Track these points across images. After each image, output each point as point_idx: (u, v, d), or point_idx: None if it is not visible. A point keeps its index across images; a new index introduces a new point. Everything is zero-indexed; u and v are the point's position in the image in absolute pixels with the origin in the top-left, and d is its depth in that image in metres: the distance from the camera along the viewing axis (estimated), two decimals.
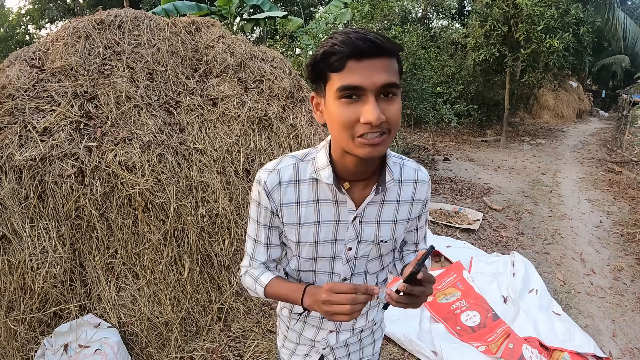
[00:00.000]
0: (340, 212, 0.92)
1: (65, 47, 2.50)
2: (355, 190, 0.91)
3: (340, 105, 0.75)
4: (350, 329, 1.07)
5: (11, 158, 1.99)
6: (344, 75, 0.73)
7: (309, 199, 0.91)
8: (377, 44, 0.72)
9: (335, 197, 0.91)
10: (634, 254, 3.96)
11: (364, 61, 0.72)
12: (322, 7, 16.94)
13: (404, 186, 0.95)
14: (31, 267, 1.96)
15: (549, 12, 7.29)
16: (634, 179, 6.46)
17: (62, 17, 17.16)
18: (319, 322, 1.06)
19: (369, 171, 0.89)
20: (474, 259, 3.24)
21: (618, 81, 20.91)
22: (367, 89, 0.72)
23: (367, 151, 0.76)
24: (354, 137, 0.76)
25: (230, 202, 2.58)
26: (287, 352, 1.14)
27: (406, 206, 0.97)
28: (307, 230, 0.93)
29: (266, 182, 0.91)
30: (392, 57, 0.76)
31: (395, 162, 0.95)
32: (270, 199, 0.92)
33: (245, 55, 3.10)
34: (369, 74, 0.72)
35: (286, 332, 1.13)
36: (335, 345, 1.09)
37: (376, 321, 1.14)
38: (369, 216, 0.93)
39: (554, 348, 2.33)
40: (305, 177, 0.91)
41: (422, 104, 6.31)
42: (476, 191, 5.68)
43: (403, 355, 2.39)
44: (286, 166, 0.92)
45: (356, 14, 6.80)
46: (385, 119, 0.74)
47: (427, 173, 1.01)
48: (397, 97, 0.77)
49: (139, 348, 2.17)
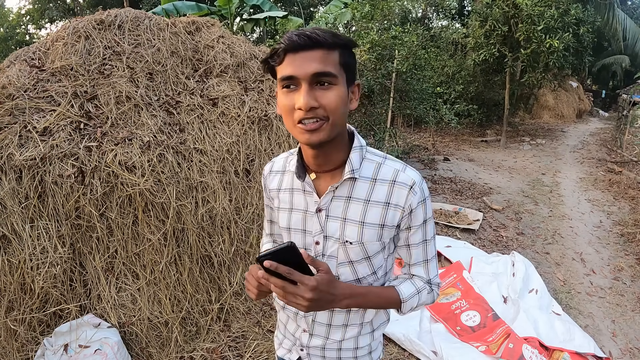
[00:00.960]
0: (308, 202, 0.96)
1: (65, 47, 2.50)
2: (322, 182, 0.95)
3: (282, 94, 0.83)
4: (324, 336, 1.02)
5: (11, 158, 1.99)
6: (283, 67, 0.81)
7: (287, 186, 1.01)
8: (311, 37, 0.78)
9: (304, 187, 0.96)
10: (634, 254, 3.96)
11: (299, 53, 0.79)
12: (322, 7, 16.94)
13: (377, 185, 0.91)
14: (31, 267, 1.96)
15: (549, 12, 7.29)
16: (634, 179, 6.46)
17: (62, 17, 17.16)
18: (295, 317, 1.05)
19: (329, 162, 0.92)
20: (474, 259, 3.24)
21: (618, 81, 20.92)
22: (300, 77, 0.79)
23: (305, 137, 0.82)
24: (295, 124, 0.83)
25: (230, 202, 2.58)
26: (277, 342, 1.17)
27: (378, 209, 0.90)
28: (283, 214, 1.01)
29: (264, 170, 1.09)
30: (330, 49, 0.80)
31: (370, 158, 0.93)
32: (265, 185, 1.08)
33: (245, 55, 3.10)
34: (301, 65, 0.79)
35: (278, 322, 1.16)
36: (311, 351, 1.05)
37: (361, 345, 1.04)
38: (334, 211, 0.93)
39: (554, 348, 2.33)
40: (288, 168, 1.01)
41: (422, 104, 6.31)
42: (476, 191, 5.68)
43: (403, 355, 2.39)
44: (280, 158, 1.06)
45: (356, 14, 6.80)
46: (317, 105, 0.80)
47: (414, 178, 0.91)
48: (336, 86, 0.81)
49: (139, 348, 2.17)
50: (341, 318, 1.01)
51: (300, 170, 0.95)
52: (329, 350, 1.04)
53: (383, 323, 1.09)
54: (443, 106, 6.65)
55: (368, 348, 1.06)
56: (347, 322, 1.02)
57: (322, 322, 1.02)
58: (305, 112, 0.79)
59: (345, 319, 1.01)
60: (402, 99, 6.20)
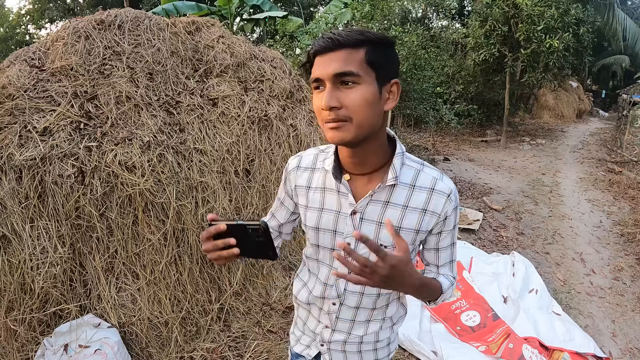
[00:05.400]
0: (342, 204, 0.95)
1: (65, 47, 2.50)
2: (358, 184, 0.93)
3: (314, 95, 0.86)
4: (347, 332, 1.05)
5: (11, 158, 1.99)
6: (313, 70, 0.84)
7: (318, 185, 0.99)
8: (333, 39, 0.80)
9: (338, 188, 0.94)
10: (634, 254, 3.96)
11: (325, 55, 0.81)
12: (322, 7, 16.93)
13: (415, 192, 0.92)
14: (31, 267, 1.96)
15: (549, 12, 7.29)
16: (634, 179, 6.46)
17: (62, 17, 17.16)
18: (318, 314, 1.07)
19: (366, 165, 0.91)
20: (474, 259, 3.24)
21: (618, 81, 20.91)
22: (324, 78, 0.81)
23: (329, 135, 0.84)
24: (324, 123, 0.84)
25: (230, 202, 2.58)
26: (294, 338, 1.17)
27: (415, 215, 0.92)
28: (312, 214, 0.99)
29: (289, 164, 1.05)
30: (355, 48, 0.80)
31: (409, 165, 0.93)
32: (288, 179, 1.05)
33: (245, 55, 3.10)
34: (325, 66, 0.81)
35: (296, 319, 1.16)
36: (332, 346, 1.07)
37: (380, 338, 1.08)
38: (370, 214, 0.93)
39: (554, 348, 2.33)
40: (320, 165, 1.00)
41: (422, 104, 6.31)
42: (476, 191, 5.68)
43: (403, 355, 2.39)
44: (308, 154, 1.03)
45: (356, 14, 6.79)
46: (339, 106, 0.80)
47: (451, 186, 0.93)
48: (360, 85, 0.80)
49: (139, 348, 2.17)
50: (365, 314, 1.03)
51: (336, 170, 0.94)
52: (350, 344, 1.07)
53: (401, 317, 1.12)
54: (443, 106, 6.65)
55: (387, 340, 1.10)
56: (371, 317, 1.04)
57: (346, 318, 1.03)
58: (328, 112, 0.81)
59: (369, 315, 1.04)
60: (402, 99, 6.20)
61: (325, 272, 1.02)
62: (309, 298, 1.07)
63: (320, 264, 1.04)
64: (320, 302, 1.05)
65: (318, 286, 1.04)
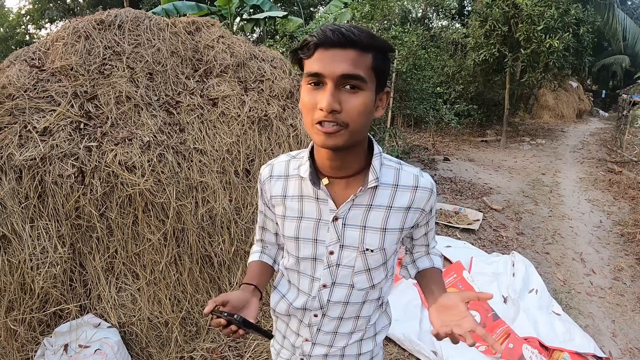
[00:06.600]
0: (322, 211, 0.90)
1: (65, 47, 2.50)
2: (337, 189, 0.89)
3: (306, 90, 0.78)
4: (328, 344, 1.02)
5: (11, 158, 1.99)
6: (311, 62, 0.76)
7: (294, 193, 0.94)
8: (345, 35, 0.73)
9: (316, 195, 0.90)
10: (634, 254, 3.96)
11: (331, 50, 0.74)
12: (322, 7, 16.93)
13: (399, 192, 0.89)
14: (31, 267, 1.96)
15: (549, 12, 7.29)
16: (634, 179, 6.46)
17: (62, 17, 17.16)
18: (297, 326, 1.03)
19: (346, 168, 0.87)
20: (474, 259, 3.24)
21: (618, 81, 20.92)
22: (327, 76, 0.74)
23: (321, 139, 0.78)
24: (313, 124, 0.78)
25: (230, 202, 2.58)
26: (274, 352, 1.14)
27: (399, 214, 0.90)
28: (290, 224, 0.94)
29: (261, 174, 1.00)
30: (364, 51, 0.75)
31: (388, 165, 0.91)
32: (263, 190, 1.00)
33: (245, 55, 3.10)
34: (330, 63, 0.74)
35: (275, 332, 1.13)
36: (312, 359, 1.04)
37: (363, 351, 1.04)
38: (353, 219, 0.89)
39: (554, 348, 2.33)
40: (293, 172, 0.94)
41: (422, 104, 6.31)
42: (476, 191, 5.68)
43: (403, 355, 2.39)
44: (279, 162, 0.98)
45: (356, 14, 6.79)
46: (340, 110, 0.75)
47: (431, 181, 0.93)
48: (363, 92, 0.76)
49: (139, 348, 2.17)
50: (349, 325, 1.00)
51: (314, 176, 0.89)
52: (331, 357, 1.03)
53: (385, 327, 1.09)
54: (443, 106, 6.65)
55: (370, 354, 1.06)
56: (354, 329, 1.01)
57: (328, 330, 1.00)
58: (326, 114, 0.75)
59: (353, 327, 1.00)
60: (402, 99, 6.20)
61: (307, 282, 0.98)
62: (289, 310, 1.03)
63: (301, 275, 0.99)
64: (301, 313, 1.01)
65: (300, 297, 1.00)
